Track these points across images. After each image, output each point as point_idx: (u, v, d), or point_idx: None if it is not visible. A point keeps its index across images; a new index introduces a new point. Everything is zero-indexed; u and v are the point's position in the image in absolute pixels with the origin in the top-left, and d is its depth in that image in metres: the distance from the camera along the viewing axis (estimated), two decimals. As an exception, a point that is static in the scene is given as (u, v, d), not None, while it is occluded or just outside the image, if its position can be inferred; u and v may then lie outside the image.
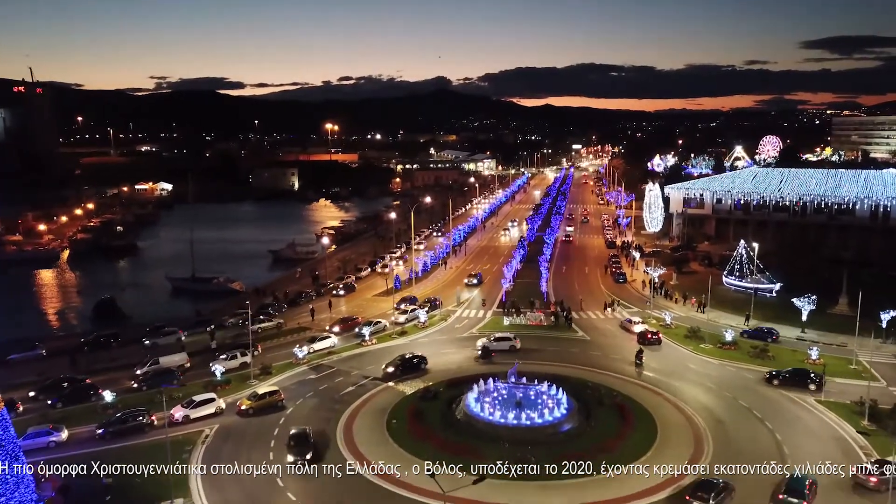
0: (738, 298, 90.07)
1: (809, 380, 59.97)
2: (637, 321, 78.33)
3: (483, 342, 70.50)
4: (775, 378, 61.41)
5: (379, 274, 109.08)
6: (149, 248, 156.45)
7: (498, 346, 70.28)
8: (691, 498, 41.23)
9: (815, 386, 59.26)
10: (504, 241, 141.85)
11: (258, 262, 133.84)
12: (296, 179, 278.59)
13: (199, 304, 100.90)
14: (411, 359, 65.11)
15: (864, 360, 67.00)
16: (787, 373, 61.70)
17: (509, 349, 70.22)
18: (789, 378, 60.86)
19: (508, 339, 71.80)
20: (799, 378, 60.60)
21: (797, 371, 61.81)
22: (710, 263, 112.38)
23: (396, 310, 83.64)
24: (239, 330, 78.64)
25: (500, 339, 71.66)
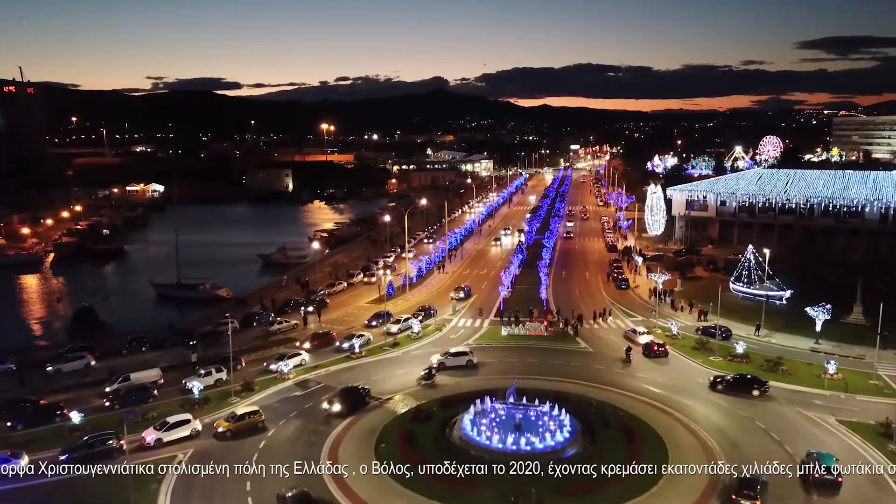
0: (746, 306, 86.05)
1: (754, 386, 59.04)
2: (642, 331, 74.29)
3: (437, 358, 65.37)
4: (719, 383, 60.16)
5: (366, 283, 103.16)
6: (136, 251, 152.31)
7: (454, 362, 65.07)
8: (739, 497, 41.28)
9: (759, 392, 58.36)
10: (495, 252, 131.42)
11: (247, 267, 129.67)
12: (290, 180, 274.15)
13: (184, 312, 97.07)
14: (355, 390, 57.21)
15: (884, 374, 63.16)
16: (731, 378, 60.43)
17: (466, 364, 65.26)
18: (734, 383, 59.81)
19: (465, 353, 66.36)
20: (744, 383, 59.69)
21: (742, 377, 60.68)
22: (716, 268, 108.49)
23: (367, 327, 78.48)
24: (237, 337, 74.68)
25: (455, 354, 66.09)
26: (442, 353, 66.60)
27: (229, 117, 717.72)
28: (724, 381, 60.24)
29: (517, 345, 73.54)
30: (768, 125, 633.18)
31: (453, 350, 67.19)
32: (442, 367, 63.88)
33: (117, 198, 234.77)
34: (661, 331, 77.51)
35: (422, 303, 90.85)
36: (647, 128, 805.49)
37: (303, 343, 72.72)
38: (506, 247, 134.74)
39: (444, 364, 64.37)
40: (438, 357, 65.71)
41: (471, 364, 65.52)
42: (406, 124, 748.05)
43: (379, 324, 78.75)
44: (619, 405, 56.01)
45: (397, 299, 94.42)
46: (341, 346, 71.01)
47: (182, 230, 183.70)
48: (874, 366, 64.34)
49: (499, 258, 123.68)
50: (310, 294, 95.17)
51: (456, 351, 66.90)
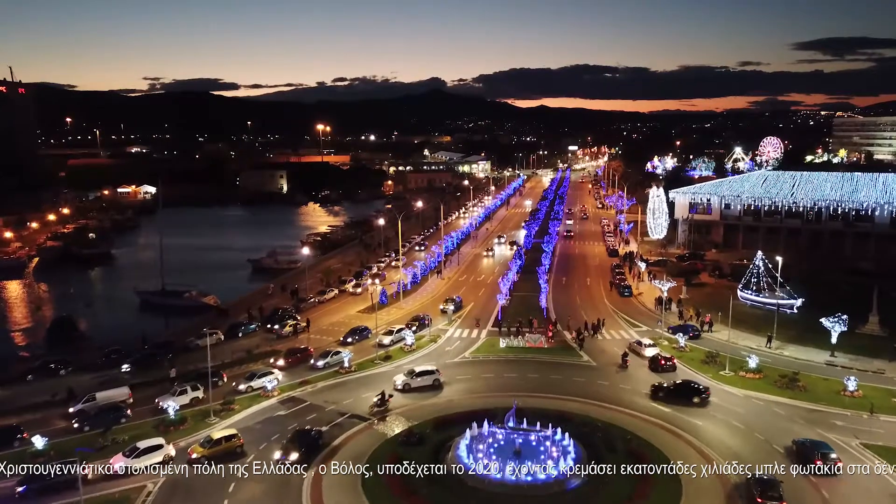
0: (756, 315, 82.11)
1: (695, 393, 57.41)
2: (648, 343, 70.32)
3: (401, 379, 60.33)
4: (660, 391, 58.23)
5: (350, 294, 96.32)
6: (124, 256, 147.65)
7: (419, 383, 60.07)
8: (764, 500, 40.78)
9: (700, 399, 56.82)
10: (486, 264, 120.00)
11: (237, 273, 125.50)
12: (284, 182, 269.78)
13: (169, 321, 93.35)
14: (307, 434, 49.49)
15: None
16: (672, 386, 58.43)
17: (433, 384, 60.45)
18: (675, 391, 57.91)
19: (431, 372, 61.18)
20: (685, 392, 57.82)
21: (683, 384, 58.83)
22: (721, 274, 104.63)
23: (343, 344, 72.98)
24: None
25: (421, 373, 60.85)
26: (406, 373, 61.37)
27: (226, 118, 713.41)
28: (665, 389, 58.17)
29: (516, 358, 69.51)
30: (766, 126, 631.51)
31: (419, 369, 61.76)
32: (407, 389, 59.15)
33: (108, 200, 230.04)
34: (667, 342, 73.63)
35: (416, 311, 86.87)
36: (645, 128, 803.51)
37: (277, 360, 67.83)
38: (499, 258, 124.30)
39: (408, 385, 59.51)
40: (402, 378, 60.56)
41: (437, 384, 60.47)
42: (403, 125, 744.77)
43: (355, 340, 73.73)
44: (625, 426, 52.06)
45: (391, 307, 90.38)
46: (315, 365, 66.09)
47: (172, 233, 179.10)
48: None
49: (496, 263, 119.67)
50: (299, 302, 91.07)
51: (422, 370, 61.51)
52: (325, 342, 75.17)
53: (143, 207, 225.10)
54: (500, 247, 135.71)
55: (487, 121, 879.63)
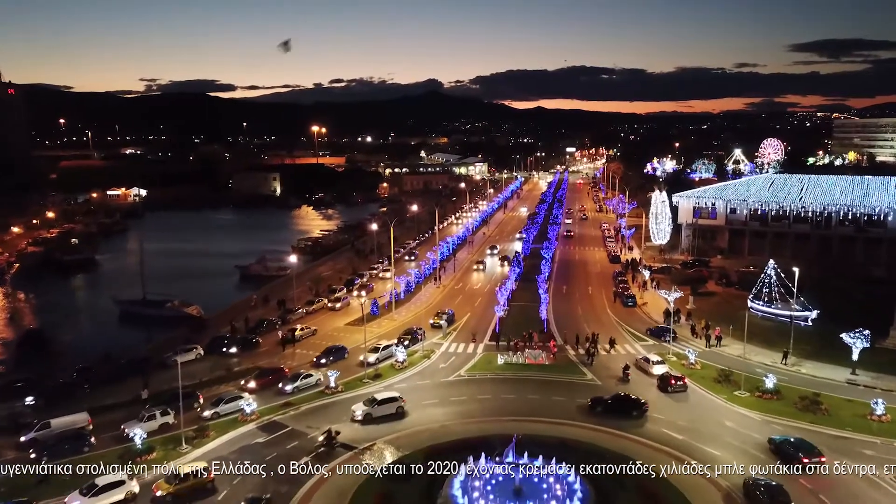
0: (768, 328, 77.53)
1: (633, 407, 55.27)
2: (656, 360, 65.77)
3: (361, 409, 54.37)
4: (598, 405, 55.82)
5: (329, 309, 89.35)
6: (109, 262, 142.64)
7: (382, 411, 54.54)
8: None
9: (638, 413, 54.65)
10: (477, 279, 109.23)
11: (224, 280, 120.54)
12: (277, 184, 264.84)
13: (150, 332, 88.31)
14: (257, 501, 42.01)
15: (939, 414, 54.78)
16: (609, 400, 56.05)
17: (396, 413, 54.98)
18: (612, 406, 55.56)
19: (394, 399, 55.61)
20: (622, 406, 55.60)
21: (622, 398, 56.58)
22: (729, 282, 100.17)
23: (316, 365, 67.16)
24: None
25: (383, 401, 55.23)
26: (366, 401, 55.45)
27: (223, 119, 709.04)
28: (604, 403, 55.77)
29: (515, 376, 64.89)
30: (763, 128, 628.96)
31: (380, 396, 56.02)
32: (368, 420, 53.56)
33: (97, 203, 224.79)
34: (675, 358, 69.10)
35: (410, 323, 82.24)
36: (642, 130, 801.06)
37: (248, 381, 62.42)
38: (491, 272, 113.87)
39: (370, 415, 53.83)
40: (362, 407, 54.73)
41: (401, 412, 55.06)
42: (400, 126, 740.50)
43: (329, 362, 67.64)
44: (636, 457, 47.40)
45: (382, 319, 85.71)
46: (283, 390, 60.66)
47: (160, 238, 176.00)
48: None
49: (493, 271, 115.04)
50: (286, 313, 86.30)
51: (384, 398, 55.79)
52: (309, 357, 70.50)
53: (133, 210, 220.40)
54: (492, 258, 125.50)
55: (484, 122, 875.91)
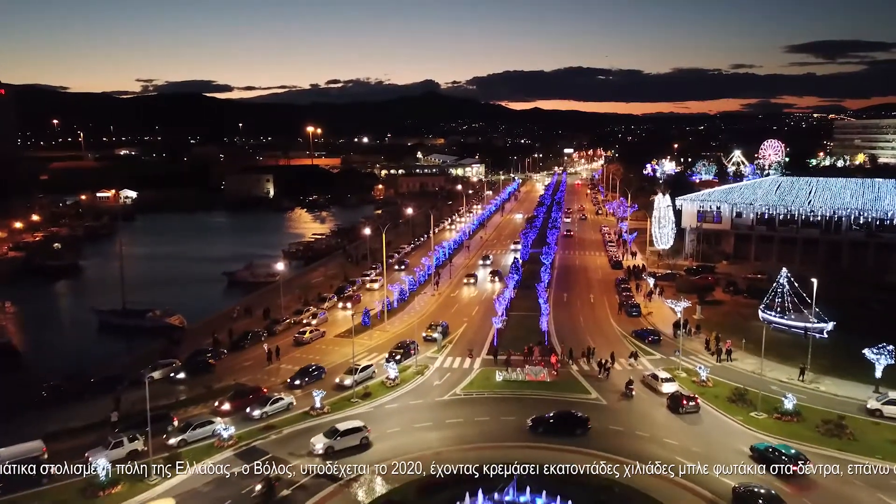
0: (781, 340, 73.30)
1: (576, 424, 52.15)
2: (665, 377, 61.44)
3: (321, 443, 48.82)
4: (540, 425, 52.25)
5: (296, 325, 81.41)
6: (93, 267, 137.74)
7: (344, 444, 49.07)
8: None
9: (581, 431, 51.66)
10: (467, 295, 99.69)
11: (212, 287, 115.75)
12: (271, 186, 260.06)
13: (129, 344, 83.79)
14: None
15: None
16: (552, 418, 52.62)
17: (360, 444, 49.71)
18: (555, 424, 52.18)
19: (358, 430, 50.21)
20: (565, 424, 52.28)
21: (564, 415, 53.05)
22: (737, 290, 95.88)
23: (290, 387, 61.71)
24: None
25: (346, 432, 49.70)
26: (327, 433, 49.79)
27: (219, 120, 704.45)
28: (545, 423, 52.35)
29: (514, 395, 60.50)
30: (760, 128, 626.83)
31: (343, 427, 50.20)
32: (330, 453, 48.35)
33: (85, 205, 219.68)
34: (685, 374, 64.81)
35: (403, 334, 78.01)
36: (639, 131, 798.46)
37: (221, 403, 57.41)
38: (483, 286, 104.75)
39: (332, 448, 48.62)
40: (323, 440, 49.13)
41: (365, 443, 49.91)
42: (397, 127, 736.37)
43: (305, 383, 62.10)
44: (649, 493, 43.07)
45: (374, 330, 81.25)
46: (251, 415, 55.06)
47: (148, 242, 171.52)
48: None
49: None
50: (273, 324, 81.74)
51: (347, 428, 50.13)
52: (294, 373, 66.00)
53: (123, 213, 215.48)
54: (484, 269, 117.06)
55: (481, 123, 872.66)
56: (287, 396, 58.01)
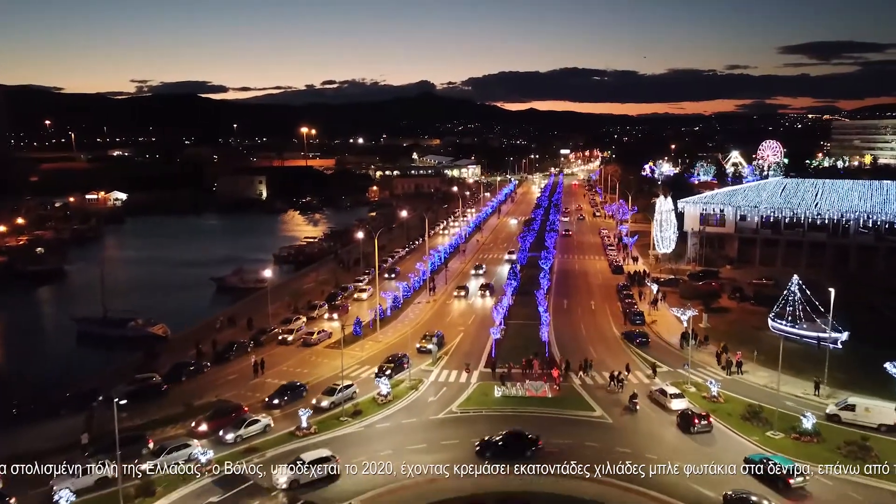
0: (793, 351, 69.27)
1: (526, 446, 48.57)
2: (674, 393, 57.86)
3: (284, 476, 44.33)
4: (487, 449, 48.32)
5: (280, 342, 75.89)
6: (79, 272, 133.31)
7: (311, 476, 44.56)
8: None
9: (531, 452, 48.13)
10: (457, 309, 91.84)
11: (200, 293, 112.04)
12: (263, 188, 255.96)
13: (110, 355, 79.87)
14: None
15: None
16: (500, 440, 48.93)
17: (329, 474, 45.18)
18: (503, 447, 48.36)
19: (326, 459, 45.67)
20: (514, 445, 48.53)
21: (513, 436, 49.25)
22: (743, 297, 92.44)
23: (268, 407, 57.42)
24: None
25: (313, 462, 45.09)
26: (291, 464, 45.23)
27: (214, 121, 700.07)
28: (494, 446, 48.49)
29: (514, 412, 56.84)
30: (755, 129, 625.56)
31: (309, 457, 45.68)
32: (296, 487, 43.90)
33: (74, 207, 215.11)
34: (694, 389, 61.28)
35: (396, 345, 74.40)
36: (635, 132, 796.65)
37: (198, 424, 53.31)
38: (474, 301, 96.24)
39: (297, 482, 44.10)
40: (286, 472, 44.44)
41: (333, 473, 45.30)
42: (393, 128, 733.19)
43: (284, 402, 57.83)
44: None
45: (366, 340, 77.53)
46: (224, 439, 51.00)
47: (137, 245, 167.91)
48: None
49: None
50: (259, 334, 77.93)
51: (314, 458, 45.55)
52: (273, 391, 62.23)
53: (112, 216, 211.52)
54: (477, 279, 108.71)
55: (477, 123, 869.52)
56: (264, 418, 53.88)
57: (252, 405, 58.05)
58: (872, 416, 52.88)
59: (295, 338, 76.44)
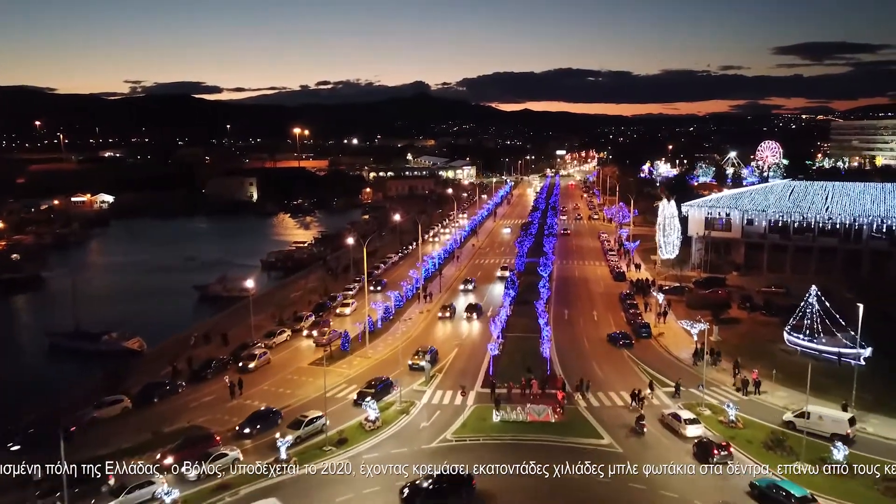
0: (813, 368, 63.51)
1: (459, 486, 43.22)
2: (688, 417, 52.97)
3: None
4: (416, 495, 42.62)
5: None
6: (57, 279, 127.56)
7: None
8: None
9: (467, 494, 42.97)
10: (442, 334, 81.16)
11: (182, 302, 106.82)
12: (254, 189, 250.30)
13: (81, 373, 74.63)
14: None
15: None
16: (430, 485, 42.95)
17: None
18: (435, 491, 42.54)
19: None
20: (448, 488, 42.89)
21: (443, 479, 43.49)
22: (753, 306, 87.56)
23: (238, 436, 51.78)
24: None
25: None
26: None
27: (208, 122, 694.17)
28: (424, 492, 42.70)
29: (515, 440, 51.85)
30: (750, 130, 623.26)
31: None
32: None
33: (58, 210, 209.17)
34: (709, 412, 56.40)
35: (386, 361, 69.44)
36: (630, 132, 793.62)
37: (164, 456, 47.98)
38: (460, 322, 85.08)
39: None
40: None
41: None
42: (388, 129, 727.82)
43: (256, 431, 52.10)
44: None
45: (353, 356, 72.42)
46: (187, 476, 45.39)
47: (121, 250, 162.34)
48: None
49: (484, 291, 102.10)
50: (241, 349, 72.65)
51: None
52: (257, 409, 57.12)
53: (97, 219, 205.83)
54: (465, 296, 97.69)
55: (472, 124, 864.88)
56: (232, 451, 48.33)
57: (226, 432, 52.92)
58: (825, 424, 51.10)
59: (256, 365, 68.44)
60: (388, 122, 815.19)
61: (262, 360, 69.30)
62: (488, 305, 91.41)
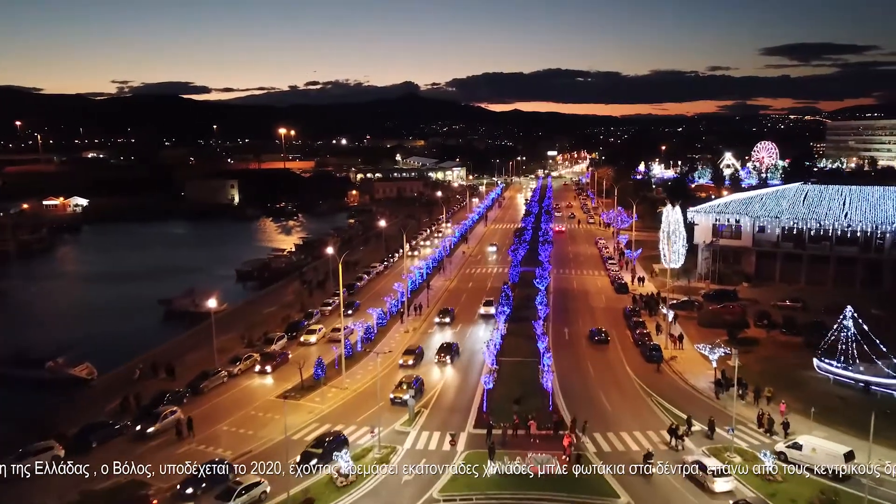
0: (848, 400, 57.29)
1: None
2: (716, 468, 44.72)
3: None
4: None
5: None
6: (18, 291, 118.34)
7: None
8: None
9: None
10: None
11: (145, 318, 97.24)
12: (235, 192, 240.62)
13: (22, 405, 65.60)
14: None
15: None
16: None
17: None
18: None
19: None
20: None
21: None
22: (771, 324, 79.58)
23: (180, 499, 43.13)
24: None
25: None
26: None
27: (195, 122, 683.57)
28: None
29: (514, 498, 43.47)
30: (739, 130, 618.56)
31: None
32: None
33: (28, 215, 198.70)
34: (739, 458, 48.21)
35: (364, 393, 61.02)
36: (619, 132, 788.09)
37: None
38: (429, 368, 68.60)
39: None
40: None
41: None
42: (378, 129, 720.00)
43: (202, 489, 43.17)
44: None
45: (328, 386, 63.78)
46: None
47: (88, 259, 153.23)
48: None
49: (477, 302, 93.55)
50: (200, 380, 63.78)
51: None
52: (211, 456, 48.42)
53: (69, 224, 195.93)
54: (442, 332, 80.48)
55: (462, 125, 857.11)
56: None
57: (167, 491, 44.23)
58: (818, 457, 46.28)
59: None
60: (377, 122, 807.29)
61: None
62: (467, 344, 75.74)
